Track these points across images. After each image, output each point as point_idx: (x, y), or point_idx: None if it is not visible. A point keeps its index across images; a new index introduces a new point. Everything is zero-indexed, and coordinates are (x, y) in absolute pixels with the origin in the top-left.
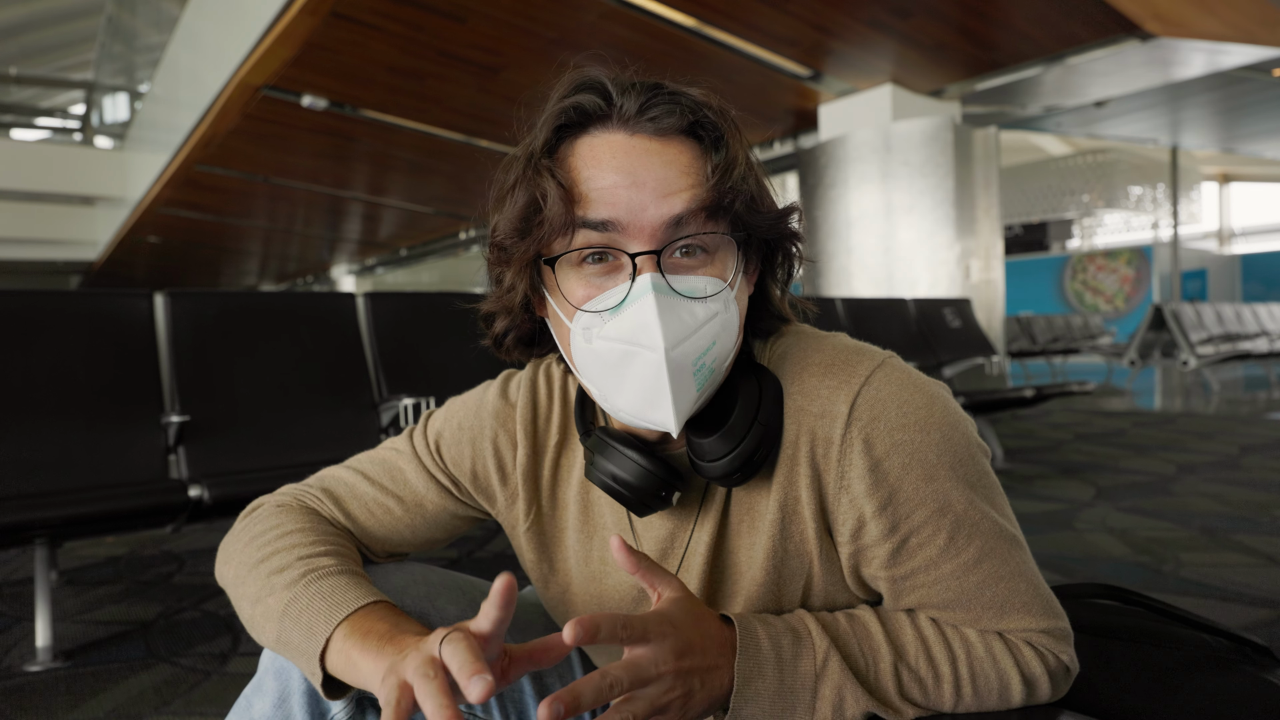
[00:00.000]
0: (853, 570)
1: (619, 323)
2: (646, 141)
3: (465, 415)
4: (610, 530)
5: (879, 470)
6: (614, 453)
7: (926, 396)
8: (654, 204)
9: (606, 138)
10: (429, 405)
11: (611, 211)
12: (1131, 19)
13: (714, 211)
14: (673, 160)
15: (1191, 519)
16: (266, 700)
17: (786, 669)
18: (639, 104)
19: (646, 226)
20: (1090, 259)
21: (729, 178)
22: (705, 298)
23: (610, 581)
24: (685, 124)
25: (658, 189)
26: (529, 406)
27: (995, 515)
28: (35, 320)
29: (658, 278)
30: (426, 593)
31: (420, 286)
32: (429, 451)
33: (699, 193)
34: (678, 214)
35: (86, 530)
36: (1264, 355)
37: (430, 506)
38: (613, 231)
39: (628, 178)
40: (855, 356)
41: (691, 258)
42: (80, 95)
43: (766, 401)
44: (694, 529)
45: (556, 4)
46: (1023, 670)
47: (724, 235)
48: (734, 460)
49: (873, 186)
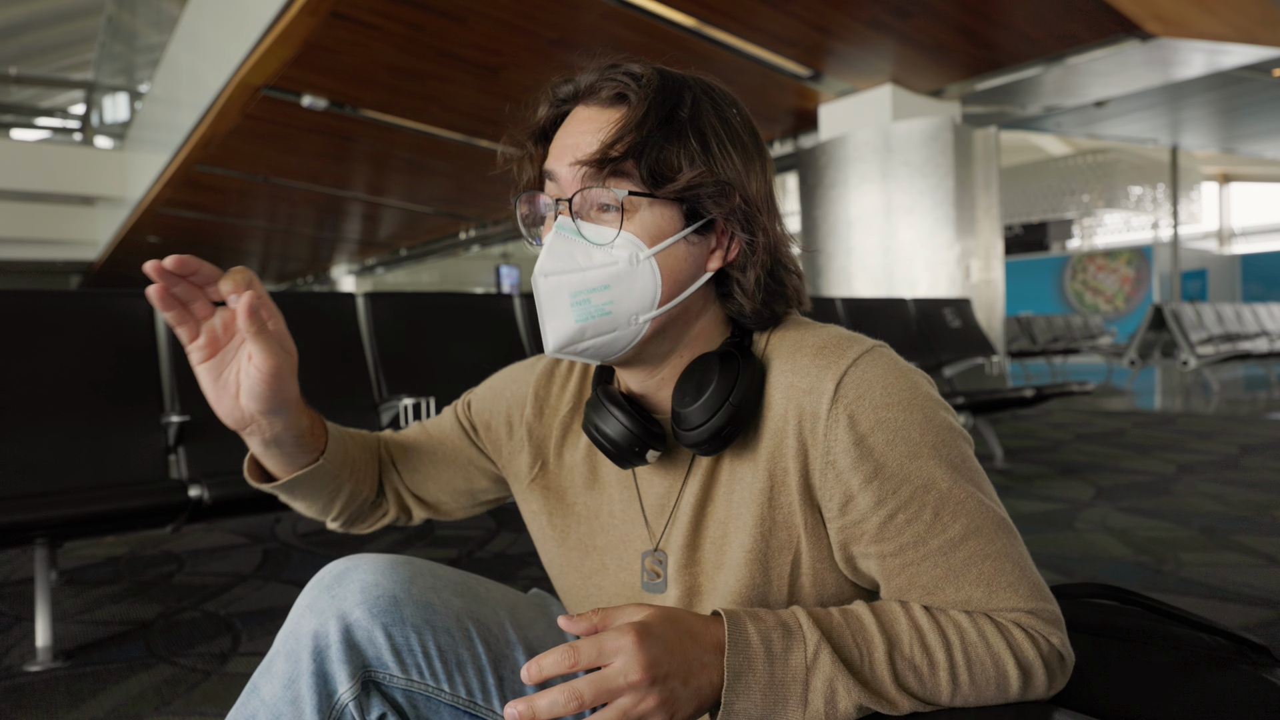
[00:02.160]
0: (843, 549)
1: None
2: (589, 110)
3: (496, 378)
4: (615, 486)
5: (864, 445)
6: (603, 409)
7: (910, 381)
8: (570, 160)
9: (574, 111)
10: (429, 405)
11: (552, 164)
12: (1131, 19)
13: (606, 167)
14: (598, 123)
15: (1191, 519)
16: (275, 682)
17: (777, 663)
18: (593, 80)
19: (568, 179)
20: (1090, 259)
21: (620, 136)
22: (604, 244)
23: (617, 534)
24: (614, 93)
25: (580, 148)
26: (546, 375)
27: (981, 496)
28: (35, 320)
29: (566, 219)
30: (433, 584)
31: (420, 286)
32: (463, 403)
33: (595, 151)
34: (582, 158)
35: (86, 530)
36: (1264, 355)
37: (450, 443)
38: (555, 182)
39: (570, 139)
40: (847, 341)
41: (606, 213)
42: (80, 95)
43: (742, 384)
44: (683, 487)
45: (556, 4)
46: (1017, 654)
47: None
48: (703, 432)
49: (873, 186)
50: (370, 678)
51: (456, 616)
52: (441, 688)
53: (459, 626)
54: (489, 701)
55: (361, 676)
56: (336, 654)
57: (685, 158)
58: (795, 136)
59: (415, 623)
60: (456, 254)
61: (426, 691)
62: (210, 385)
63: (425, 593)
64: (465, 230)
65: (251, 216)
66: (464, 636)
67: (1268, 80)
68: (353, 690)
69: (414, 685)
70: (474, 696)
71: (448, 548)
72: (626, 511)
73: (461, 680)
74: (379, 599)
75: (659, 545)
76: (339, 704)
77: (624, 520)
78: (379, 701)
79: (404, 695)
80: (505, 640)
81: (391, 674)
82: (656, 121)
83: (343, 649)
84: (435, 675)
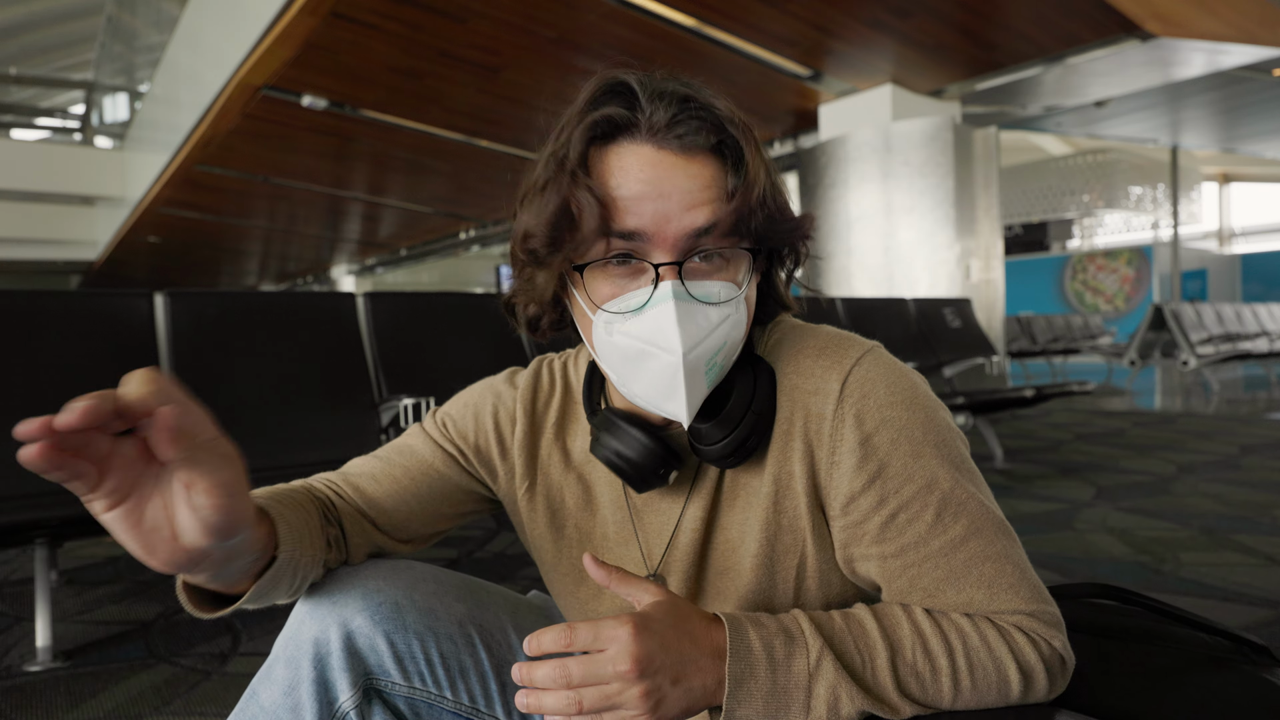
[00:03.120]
0: (844, 550)
1: (640, 323)
2: (672, 156)
3: (469, 396)
4: (609, 508)
5: (869, 444)
6: (619, 430)
7: (911, 380)
8: (678, 216)
9: (635, 149)
10: (429, 405)
11: (638, 222)
12: (1131, 19)
13: (740, 232)
14: (696, 175)
15: (1191, 519)
16: (275, 688)
17: (779, 669)
18: (668, 117)
19: (670, 237)
20: (1090, 259)
21: (749, 197)
22: (720, 303)
23: (611, 557)
24: (711, 143)
25: (682, 202)
26: (530, 389)
27: (981, 497)
28: (35, 320)
29: (678, 285)
30: (435, 590)
31: (420, 286)
32: (436, 426)
33: (719, 207)
34: (699, 227)
35: (86, 530)
36: (1264, 355)
37: (435, 473)
38: (638, 240)
39: (654, 189)
40: (847, 341)
41: (709, 263)
42: (80, 95)
43: (761, 390)
44: (686, 506)
45: (556, 4)
46: (1018, 658)
47: (739, 249)
48: (729, 444)
49: (873, 186)
50: (372, 685)
51: (459, 622)
52: (444, 695)
53: (461, 632)
54: (491, 708)
55: (363, 685)
56: (338, 662)
57: (783, 196)
58: (795, 136)
59: (418, 629)
60: (456, 254)
61: (429, 699)
62: (131, 534)
63: (428, 598)
64: (465, 230)
65: (251, 216)
66: (466, 643)
67: (1268, 80)
68: (354, 699)
69: (416, 693)
70: (476, 703)
71: (448, 548)
72: (621, 534)
73: (464, 687)
74: (381, 605)
75: (658, 570)
76: (340, 712)
77: (618, 543)
78: (380, 709)
79: (406, 703)
80: (507, 645)
81: (393, 681)
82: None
83: (344, 657)
84: (438, 682)
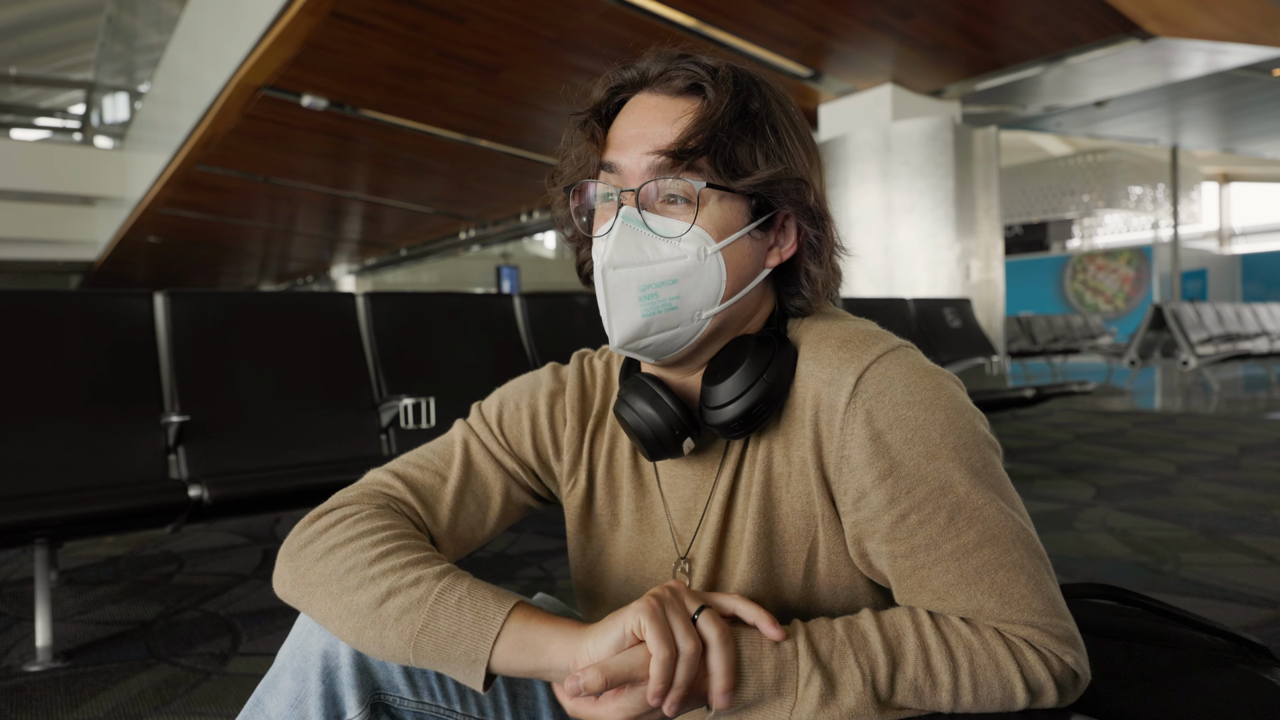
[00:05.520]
0: (857, 543)
1: (599, 244)
2: (658, 99)
3: (521, 396)
4: (656, 495)
5: (880, 442)
6: (643, 388)
7: (935, 382)
8: (642, 150)
9: (635, 100)
10: (429, 405)
11: (616, 155)
12: (1131, 19)
13: (685, 159)
14: (670, 114)
15: (1191, 519)
16: (281, 700)
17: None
18: (660, 70)
19: (635, 169)
20: (1090, 259)
21: (701, 129)
22: (673, 237)
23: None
24: (687, 84)
25: (651, 138)
26: (577, 387)
27: (1002, 504)
28: (35, 320)
29: (632, 210)
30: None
31: (420, 286)
32: (490, 436)
33: (673, 142)
34: (653, 158)
35: (86, 530)
36: (1264, 355)
37: (498, 490)
38: (616, 173)
39: (636, 129)
40: (873, 337)
41: (673, 205)
42: (80, 95)
43: (775, 363)
44: (714, 489)
45: (556, 4)
46: (1026, 677)
47: (690, 183)
48: (734, 408)
49: (873, 186)
50: (380, 700)
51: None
52: (454, 708)
53: None
54: (501, 718)
55: (371, 700)
56: (347, 676)
57: (761, 152)
58: None
59: None
60: (456, 254)
61: (438, 713)
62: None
63: None
64: (465, 230)
65: (251, 216)
66: None
67: (1268, 80)
68: (362, 714)
69: (425, 707)
70: (486, 715)
71: None
72: (653, 519)
73: (474, 699)
74: None
75: (688, 553)
76: None
77: (658, 530)
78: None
79: (414, 718)
80: None
81: (402, 696)
82: (734, 114)
83: (353, 671)
84: (448, 696)
